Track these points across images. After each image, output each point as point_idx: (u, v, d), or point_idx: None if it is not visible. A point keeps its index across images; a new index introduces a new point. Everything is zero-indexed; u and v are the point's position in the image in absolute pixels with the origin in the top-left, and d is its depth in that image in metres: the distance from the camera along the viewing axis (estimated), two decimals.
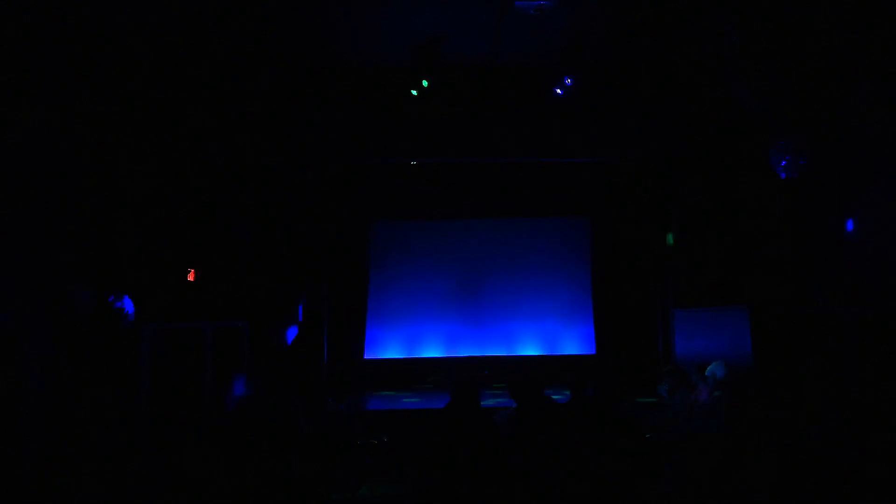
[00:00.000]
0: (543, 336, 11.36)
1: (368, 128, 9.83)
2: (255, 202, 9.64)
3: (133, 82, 7.46)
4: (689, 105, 9.38)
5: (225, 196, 9.31)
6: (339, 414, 6.50)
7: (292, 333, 9.54)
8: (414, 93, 8.80)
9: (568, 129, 9.93)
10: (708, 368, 6.02)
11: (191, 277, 8.72)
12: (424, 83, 8.72)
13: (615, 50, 8.95)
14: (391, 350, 11.28)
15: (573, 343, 11.32)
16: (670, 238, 10.05)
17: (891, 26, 6.45)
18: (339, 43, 8.78)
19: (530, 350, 11.27)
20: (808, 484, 4.32)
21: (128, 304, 6.50)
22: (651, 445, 5.06)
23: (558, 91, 8.94)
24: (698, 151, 9.72)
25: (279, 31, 8.25)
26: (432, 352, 11.25)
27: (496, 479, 4.38)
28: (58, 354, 6.05)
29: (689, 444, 4.98)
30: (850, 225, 7.62)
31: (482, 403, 5.35)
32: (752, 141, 8.48)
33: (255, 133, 9.32)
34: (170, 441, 5.10)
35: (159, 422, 5.92)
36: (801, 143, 7.29)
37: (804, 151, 7.27)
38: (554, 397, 5.90)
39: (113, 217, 7.27)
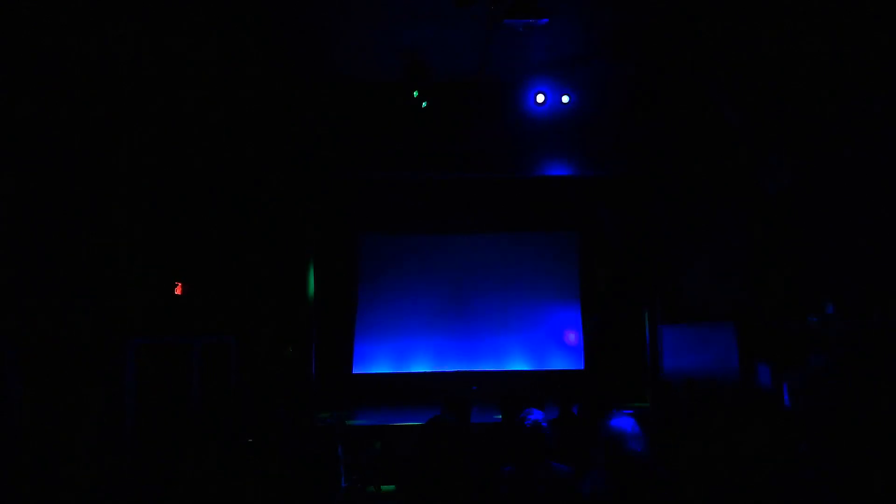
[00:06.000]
0: (532, 351, 11.36)
1: (358, 141, 9.84)
2: (243, 215, 9.61)
3: (120, 95, 7.44)
4: (678, 121, 9.47)
5: (213, 208, 9.28)
6: (327, 428, 6.46)
7: None
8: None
9: (558, 144, 9.99)
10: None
11: (178, 291, 8.66)
12: (415, 94, 8.77)
13: (605, 66, 9.03)
14: (380, 364, 11.24)
15: (562, 358, 11.33)
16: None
17: (879, 42, 6.54)
18: (330, 57, 8.81)
19: (519, 365, 11.26)
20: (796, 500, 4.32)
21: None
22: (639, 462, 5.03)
23: (546, 105, 9.05)
24: (686, 168, 9.80)
25: (270, 45, 8.28)
26: (421, 366, 11.21)
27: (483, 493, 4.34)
28: (40, 369, 5.97)
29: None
30: None
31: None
32: (739, 157, 8.56)
33: (243, 146, 9.31)
34: (156, 456, 5.04)
35: (145, 437, 5.85)
36: (788, 160, 7.37)
37: (791, 167, 7.35)
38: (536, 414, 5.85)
39: (100, 229, 7.22)
